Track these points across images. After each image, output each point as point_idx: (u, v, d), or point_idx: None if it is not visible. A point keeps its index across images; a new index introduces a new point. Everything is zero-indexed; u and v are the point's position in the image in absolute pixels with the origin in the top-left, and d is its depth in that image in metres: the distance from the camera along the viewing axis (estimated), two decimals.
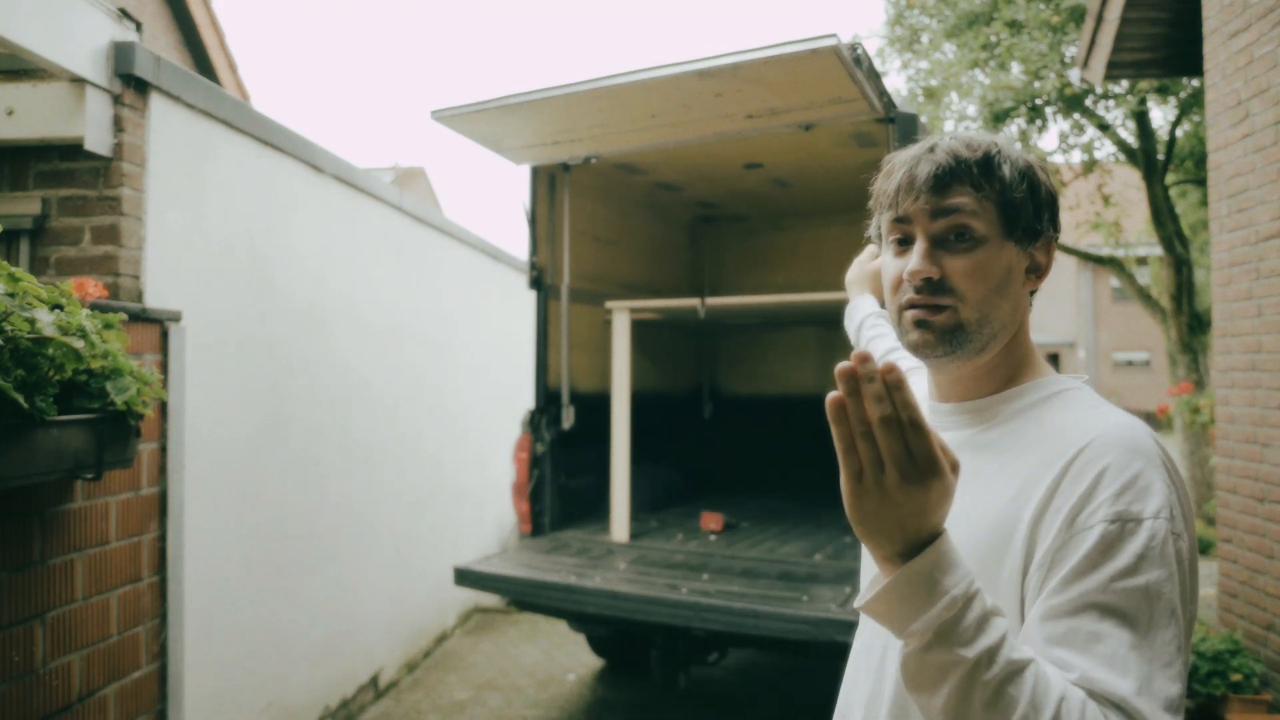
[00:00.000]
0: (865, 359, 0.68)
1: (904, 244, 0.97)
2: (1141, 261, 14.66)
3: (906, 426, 0.69)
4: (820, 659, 2.69)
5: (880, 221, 1.02)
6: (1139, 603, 0.77)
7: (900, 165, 0.97)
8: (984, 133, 1.01)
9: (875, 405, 0.69)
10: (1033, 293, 1.00)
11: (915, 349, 0.96)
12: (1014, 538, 0.86)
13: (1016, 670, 0.71)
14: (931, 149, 0.95)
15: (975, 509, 0.90)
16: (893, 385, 0.68)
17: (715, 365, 5.78)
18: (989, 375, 0.98)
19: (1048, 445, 0.89)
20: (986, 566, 0.87)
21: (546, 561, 3.40)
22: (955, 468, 0.73)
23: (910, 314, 0.95)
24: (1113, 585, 0.77)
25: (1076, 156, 9.09)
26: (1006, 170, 0.94)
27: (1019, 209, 0.94)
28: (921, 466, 0.69)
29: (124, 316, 2.04)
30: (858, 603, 0.77)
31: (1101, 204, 9.42)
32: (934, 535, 0.73)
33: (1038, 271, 0.98)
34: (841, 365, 0.69)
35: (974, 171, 0.93)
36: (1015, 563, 0.86)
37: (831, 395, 0.70)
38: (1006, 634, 0.73)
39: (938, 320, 0.93)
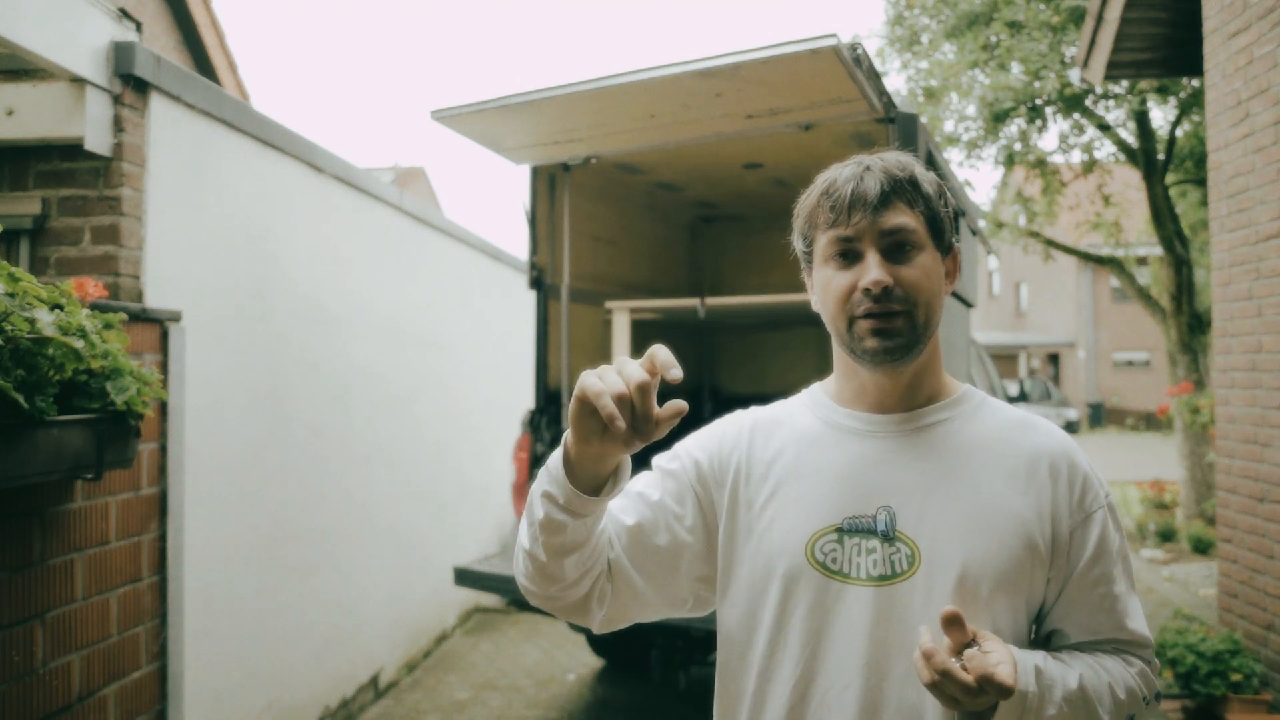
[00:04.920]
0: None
1: (847, 259, 1.05)
2: (1141, 261, 14.67)
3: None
4: None
5: (815, 240, 1.08)
6: (1121, 564, 1.07)
7: (840, 185, 1.04)
8: (896, 153, 1.09)
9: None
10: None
11: (873, 355, 1.03)
12: (1037, 526, 1.04)
13: (1076, 692, 0.98)
14: (866, 169, 1.05)
15: (1004, 501, 1.04)
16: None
17: (715, 365, 5.78)
18: (921, 381, 1.10)
19: (1021, 449, 1.07)
20: (1024, 549, 1.03)
21: None
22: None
23: (866, 323, 1.03)
24: (1107, 555, 1.06)
25: (1076, 156, 9.10)
26: (928, 187, 1.06)
27: (942, 221, 1.07)
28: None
29: (124, 316, 2.04)
30: None
31: (1101, 204, 9.42)
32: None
33: (950, 278, 1.11)
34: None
35: (908, 189, 1.04)
36: (1045, 545, 1.05)
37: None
38: (1054, 679, 0.98)
39: (895, 325, 1.02)
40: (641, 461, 1.15)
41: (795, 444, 1.12)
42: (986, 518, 1.03)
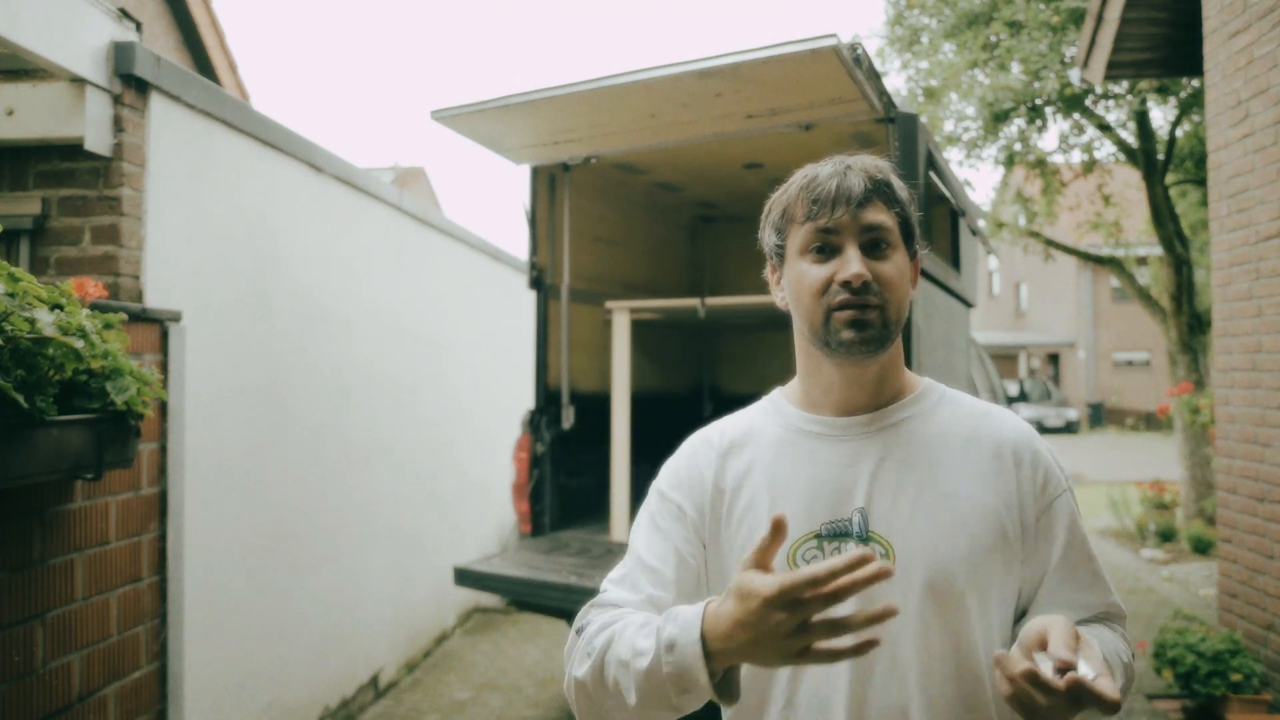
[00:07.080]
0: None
1: (824, 252, 1.06)
2: (1141, 261, 14.66)
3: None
4: None
5: (790, 233, 1.10)
6: (1088, 541, 1.12)
7: (823, 180, 1.07)
8: (871, 156, 1.12)
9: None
10: None
11: (848, 346, 1.05)
12: (1005, 515, 1.07)
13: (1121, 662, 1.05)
14: (848, 167, 1.07)
15: (972, 492, 1.07)
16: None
17: (715, 365, 5.78)
18: (887, 377, 1.11)
19: (984, 439, 1.10)
20: (994, 539, 1.06)
21: (546, 561, 3.40)
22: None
23: (843, 314, 1.04)
24: (1078, 536, 1.10)
25: (1076, 156, 9.09)
26: (902, 193, 1.10)
27: (912, 225, 1.12)
28: None
29: (124, 316, 2.04)
30: None
31: (1101, 204, 9.42)
32: None
33: (913, 283, 1.14)
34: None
35: (885, 190, 1.07)
36: (1015, 532, 1.07)
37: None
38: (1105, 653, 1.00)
39: (870, 317, 1.04)
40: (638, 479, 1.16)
41: (764, 456, 1.13)
42: (955, 511, 1.05)
